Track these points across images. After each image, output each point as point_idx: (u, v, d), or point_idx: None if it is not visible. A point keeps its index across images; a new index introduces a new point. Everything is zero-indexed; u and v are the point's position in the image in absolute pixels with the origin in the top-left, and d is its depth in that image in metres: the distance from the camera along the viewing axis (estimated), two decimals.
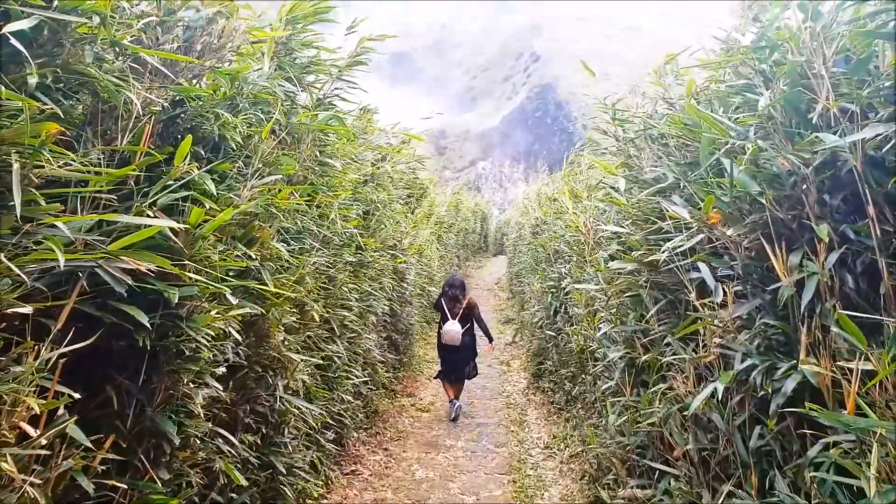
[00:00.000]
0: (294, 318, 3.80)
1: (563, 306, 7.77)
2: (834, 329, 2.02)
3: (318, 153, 4.69)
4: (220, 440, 3.01)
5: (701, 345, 2.81)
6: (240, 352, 3.17)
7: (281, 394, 3.61)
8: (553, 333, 7.97)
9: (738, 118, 2.90)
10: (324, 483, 5.09)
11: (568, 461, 6.40)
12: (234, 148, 3.13)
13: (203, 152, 2.99)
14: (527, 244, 12.73)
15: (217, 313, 2.61)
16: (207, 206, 2.62)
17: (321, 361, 4.61)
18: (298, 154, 3.90)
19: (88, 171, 2.19)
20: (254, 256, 3.02)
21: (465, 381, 8.47)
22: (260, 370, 3.47)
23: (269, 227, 3.34)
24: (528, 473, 6.27)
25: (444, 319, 8.26)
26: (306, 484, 4.24)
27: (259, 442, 3.56)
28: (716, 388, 2.40)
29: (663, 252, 3.10)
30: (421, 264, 12.38)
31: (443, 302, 8.35)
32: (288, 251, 3.64)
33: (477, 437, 7.45)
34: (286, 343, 3.65)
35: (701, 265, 2.85)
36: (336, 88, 4.62)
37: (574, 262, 7.08)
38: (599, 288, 4.39)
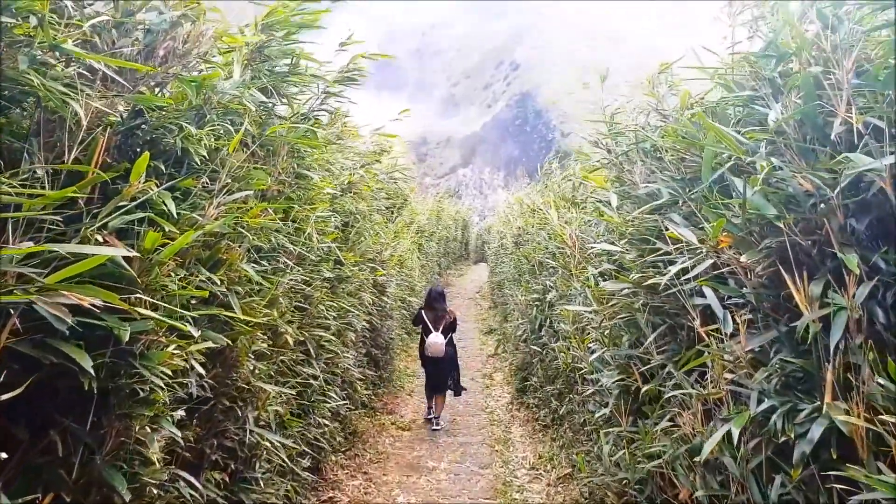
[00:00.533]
0: (265, 345, 3.52)
1: (549, 320, 7.56)
2: (874, 379, 1.80)
3: (294, 166, 4.44)
4: (182, 483, 2.74)
5: (709, 379, 2.59)
6: (205, 384, 2.90)
7: (251, 427, 3.34)
8: (538, 348, 7.75)
9: (743, 132, 2.70)
10: None
11: (556, 483, 6.17)
12: (199, 162, 2.87)
13: (164, 167, 2.71)
14: (509, 254, 12.53)
15: (176, 348, 2.34)
16: (166, 229, 2.36)
17: (295, 388, 4.34)
18: (273, 167, 3.64)
19: (22, 193, 1.91)
20: (219, 281, 2.75)
21: (454, 396, 8.68)
22: (228, 403, 3.19)
23: (239, 247, 3.07)
24: (514, 497, 6.03)
25: (427, 332, 8.20)
26: None
27: (227, 479, 3.28)
28: (730, 431, 2.18)
29: (665, 275, 2.88)
30: (402, 275, 12.13)
31: (423, 314, 8.30)
32: (259, 272, 3.37)
33: (460, 458, 7.20)
34: (256, 372, 3.38)
35: (707, 291, 2.64)
36: (323, 103, 4.37)
37: (560, 275, 6.88)
38: (591, 309, 4.16)
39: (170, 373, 2.26)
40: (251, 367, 3.26)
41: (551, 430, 7.38)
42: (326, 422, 5.25)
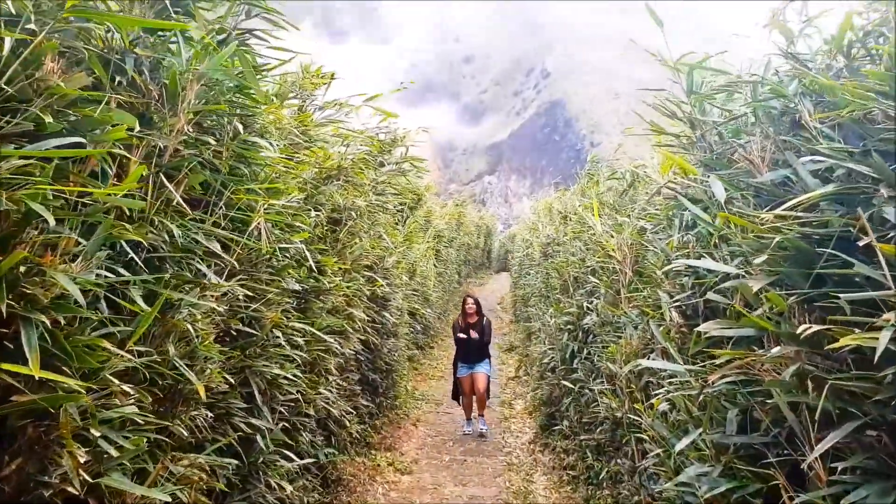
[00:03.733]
0: (134, 406, 2.12)
1: (585, 351, 6.10)
2: None
3: (239, 126, 3.07)
4: None
5: None
6: None
7: None
8: (570, 384, 6.28)
9: None
10: None
11: None
12: None
13: None
14: (535, 265, 11.07)
15: None
16: None
17: (225, 450, 2.95)
18: (170, 115, 2.26)
19: None
20: None
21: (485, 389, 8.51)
22: None
23: (66, 244, 1.69)
24: None
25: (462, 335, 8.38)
26: None
27: None
28: None
29: (869, 332, 1.44)
30: (414, 284, 10.74)
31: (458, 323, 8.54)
32: (122, 282, 1.99)
33: None
34: (108, 456, 1.98)
35: None
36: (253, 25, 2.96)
37: (603, 296, 5.43)
38: (684, 368, 2.69)
39: None
40: (82, 460, 1.85)
41: (583, 487, 5.91)
42: (286, 484, 3.85)
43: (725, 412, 2.32)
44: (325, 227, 4.88)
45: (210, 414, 2.73)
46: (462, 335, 8.35)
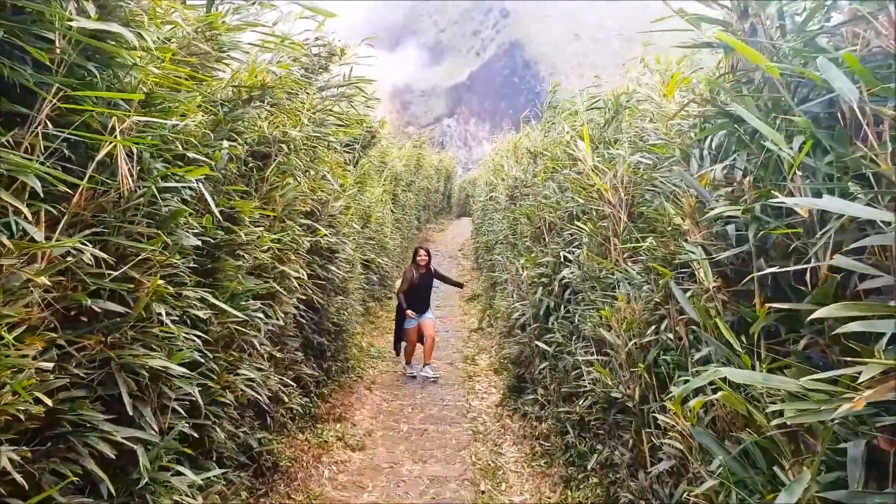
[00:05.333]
0: None
1: (564, 309, 5.26)
2: None
3: (90, 7, 2.03)
4: None
5: None
6: None
7: None
8: (545, 346, 5.45)
9: None
10: None
11: None
12: None
13: None
14: (501, 211, 10.15)
15: None
16: None
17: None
18: None
19: None
20: None
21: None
22: None
23: None
24: None
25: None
26: None
27: None
28: None
29: None
30: (369, 232, 9.73)
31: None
32: None
33: None
34: None
35: None
36: None
37: (588, 246, 4.55)
38: (762, 377, 1.80)
39: None
40: None
41: (562, 466, 5.16)
42: (190, 502, 2.92)
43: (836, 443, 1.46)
44: (247, 164, 3.84)
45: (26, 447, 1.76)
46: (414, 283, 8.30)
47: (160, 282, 2.39)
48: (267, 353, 4.23)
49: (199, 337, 2.94)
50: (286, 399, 4.94)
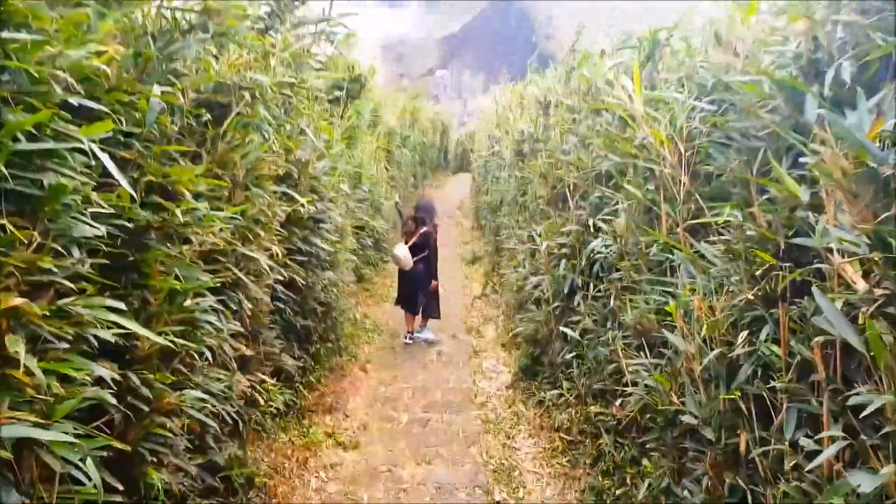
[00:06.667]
0: None
1: (595, 288, 4.42)
2: None
3: None
4: None
5: None
6: None
7: None
8: (570, 332, 4.61)
9: None
10: None
11: None
12: None
13: None
14: (507, 168, 9.21)
15: None
16: None
17: None
18: None
19: None
20: None
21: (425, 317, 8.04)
22: None
23: None
24: None
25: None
26: None
27: None
28: None
29: None
30: (360, 193, 8.81)
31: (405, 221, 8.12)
32: None
33: None
34: None
35: None
36: None
37: (629, 215, 3.68)
38: None
39: None
40: None
41: (585, 466, 4.39)
42: None
43: None
44: (190, 118, 2.92)
45: None
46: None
47: (18, 300, 1.51)
48: (232, 354, 3.38)
49: (118, 358, 2.09)
50: (261, 401, 4.13)
